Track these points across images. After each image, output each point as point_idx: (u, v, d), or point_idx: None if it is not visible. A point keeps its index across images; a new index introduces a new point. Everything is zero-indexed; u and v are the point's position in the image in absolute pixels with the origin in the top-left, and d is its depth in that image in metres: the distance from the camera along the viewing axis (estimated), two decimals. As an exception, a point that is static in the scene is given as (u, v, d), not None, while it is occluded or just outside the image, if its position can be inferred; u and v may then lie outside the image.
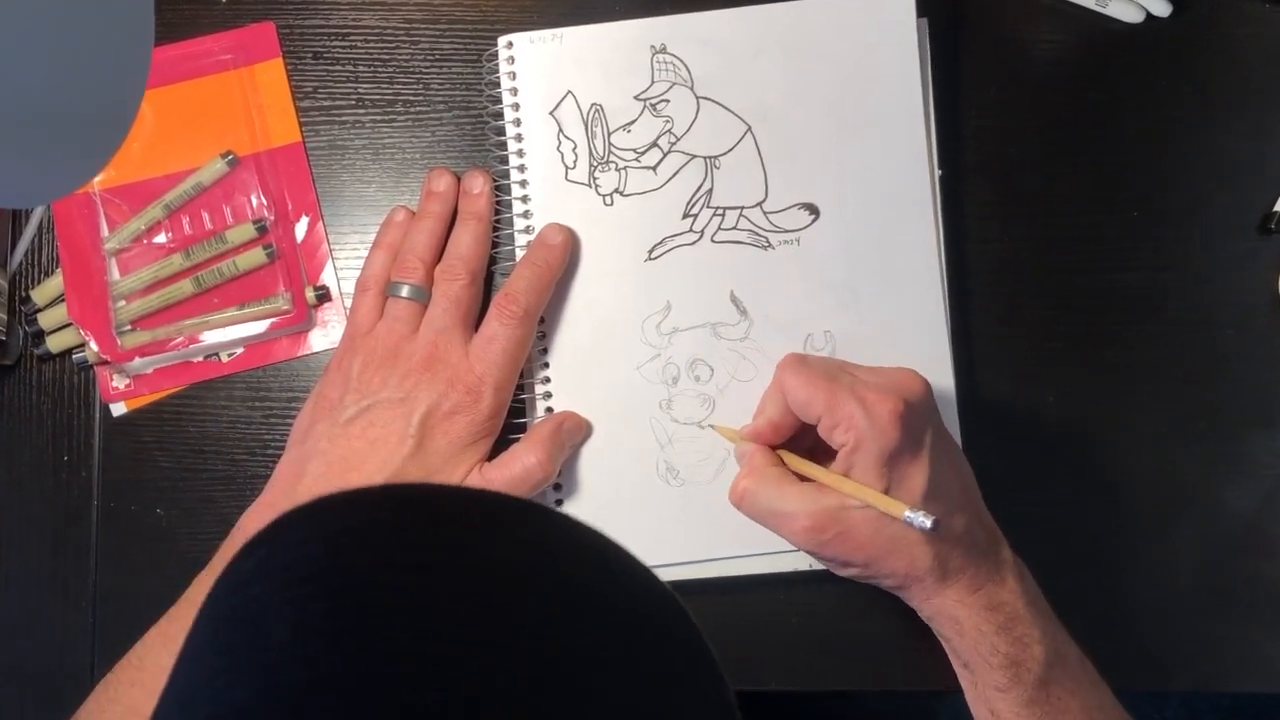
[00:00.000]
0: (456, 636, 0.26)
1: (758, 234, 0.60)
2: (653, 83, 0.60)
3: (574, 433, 0.59)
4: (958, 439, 0.59)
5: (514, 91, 0.60)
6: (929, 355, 0.60)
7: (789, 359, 0.54)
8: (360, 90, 0.63)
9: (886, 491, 0.50)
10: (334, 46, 0.64)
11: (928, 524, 0.49)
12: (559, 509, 0.59)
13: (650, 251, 0.60)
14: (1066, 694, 0.53)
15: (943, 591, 0.52)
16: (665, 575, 0.53)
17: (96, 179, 0.61)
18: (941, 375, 0.60)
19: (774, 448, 0.55)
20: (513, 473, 0.56)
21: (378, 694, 0.24)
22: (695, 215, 0.60)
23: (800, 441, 0.55)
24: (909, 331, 0.60)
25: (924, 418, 0.52)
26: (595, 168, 0.60)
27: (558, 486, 0.60)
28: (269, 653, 0.26)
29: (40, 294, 0.63)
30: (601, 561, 0.30)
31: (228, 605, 0.28)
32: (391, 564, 0.27)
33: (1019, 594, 0.53)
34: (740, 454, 0.55)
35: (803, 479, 0.53)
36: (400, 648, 0.25)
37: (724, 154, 0.60)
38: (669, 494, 0.59)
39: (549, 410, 0.60)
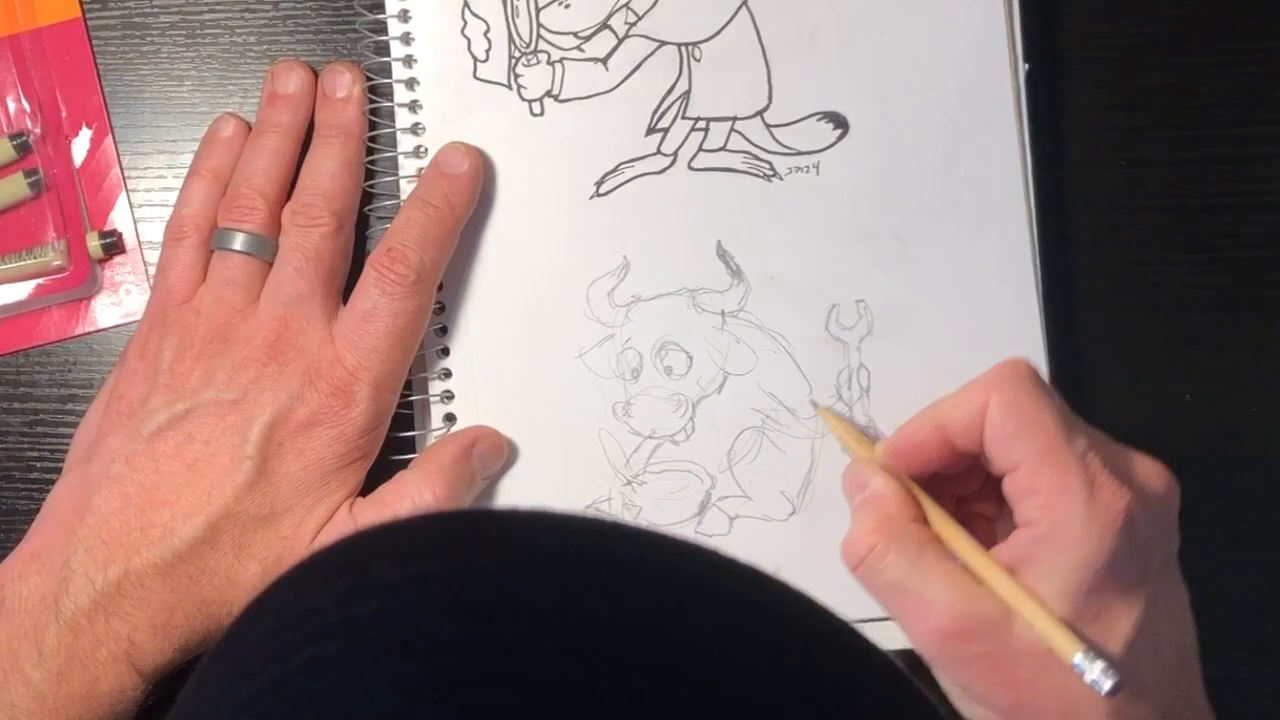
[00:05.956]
0: None
1: (757, 158, 0.54)
2: (602, -67, 0.54)
3: (489, 458, 0.53)
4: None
5: (398, -53, 0.53)
6: (1013, 332, 0.53)
7: (1016, 363, 0.48)
8: (168, -58, 0.57)
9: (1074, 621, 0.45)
10: (129, -125, 0.56)
11: (1105, 685, 0.42)
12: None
13: (599, 184, 0.54)
14: None
15: None
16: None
17: None
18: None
19: (914, 481, 0.50)
20: (398, 515, 0.51)
21: None
22: (665, 130, 0.54)
23: (950, 486, 0.50)
24: (982, 299, 0.53)
25: (1161, 536, 0.47)
26: (517, 61, 0.54)
27: (464, 531, 0.52)
28: None
29: None
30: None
31: (278, 666, 0.26)
32: (549, 636, 0.25)
33: None
34: (859, 487, 0.49)
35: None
36: None
37: (707, 40, 0.54)
38: (628, 542, 0.52)
39: (449, 419, 0.54)
